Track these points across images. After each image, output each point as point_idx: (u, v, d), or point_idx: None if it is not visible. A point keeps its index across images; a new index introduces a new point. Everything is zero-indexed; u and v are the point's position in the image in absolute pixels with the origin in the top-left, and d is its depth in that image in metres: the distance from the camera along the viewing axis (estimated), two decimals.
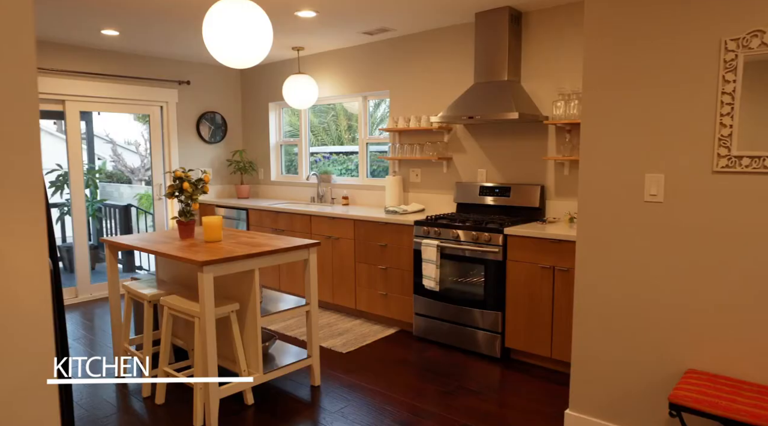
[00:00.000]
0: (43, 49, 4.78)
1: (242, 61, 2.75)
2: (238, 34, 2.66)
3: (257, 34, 2.71)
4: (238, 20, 2.65)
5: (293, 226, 4.96)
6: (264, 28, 2.74)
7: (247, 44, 2.69)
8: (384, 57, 4.88)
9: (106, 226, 7.25)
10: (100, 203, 7.13)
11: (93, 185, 7.05)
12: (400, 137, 4.82)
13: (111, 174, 13.71)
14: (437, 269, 3.81)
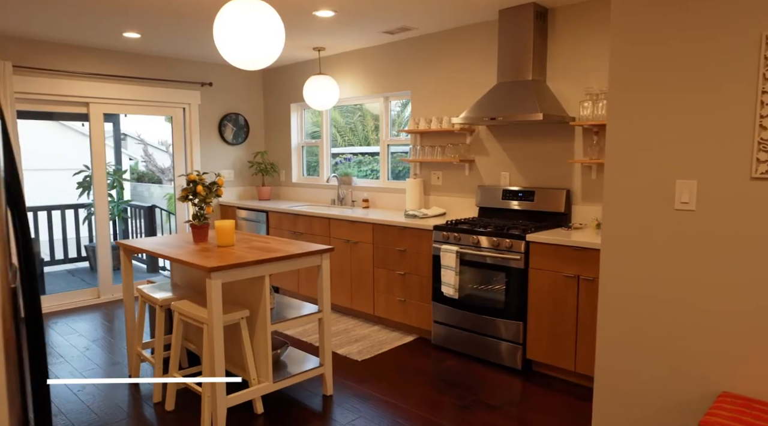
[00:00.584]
0: (67, 51, 4.83)
1: (254, 63, 2.68)
2: (249, 35, 2.59)
3: (269, 35, 2.63)
4: (249, 21, 2.58)
5: (312, 229, 4.89)
6: (276, 28, 2.66)
7: (258, 45, 2.62)
8: (405, 57, 4.77)
9: (131, 226, 7.34)
10: (125, 204, 7.21)
11: (119, 186, 7.14)
12: (422, 139, 4.70)
13: (143, 174, 13.98)
14: (456, 276, 3.68)
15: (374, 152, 5.38)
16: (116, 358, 3.79)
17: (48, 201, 6.92)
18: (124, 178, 7.32)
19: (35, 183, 9.43)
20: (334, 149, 5.79)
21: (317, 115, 5.87)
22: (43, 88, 4.72)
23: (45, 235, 6.64)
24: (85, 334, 4.30)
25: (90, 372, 3.54)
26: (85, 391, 3.26)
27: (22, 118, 7.62)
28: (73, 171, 6.79)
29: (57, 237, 6.77)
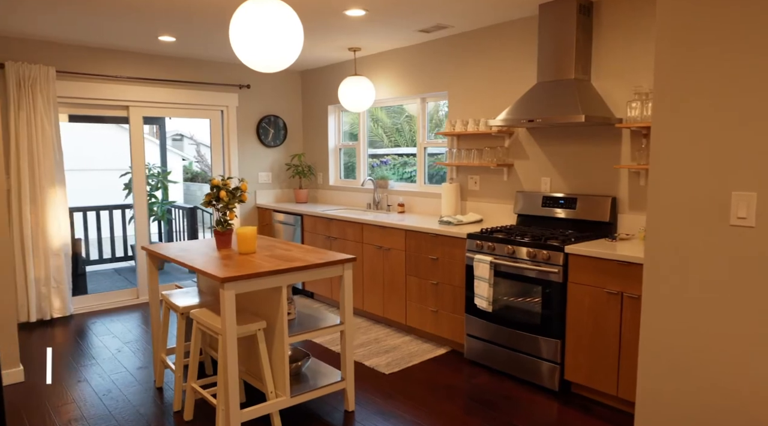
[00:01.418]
0: (107, 56, 4.91)
1: (270, 65, 2.57)
2: (266, 37, 2.48)
3: (286, 36, 2.52)
4: (266, 21, 2.48)
5: (345, 234, 4.78)
6: (293, 29, 2.54)
7: (274, 47, 2.51)
8: (442, 56, 4.58)
9: (175, 227, 7.47)
10: (169, 205, 7.34)
11: (163, 187, 7.27)
12: (458, 142, 4.50)
13: (196, 174, 14.31)
14: (490, 288, 3.47)
15: (411, 153, 5.21)
16: (145, 362, 3.79)
17: (101, 201, 7.13)
18: (168, 179, 7.46)
19: (91, 183, 9.80)
20: (370, 150, 5.65)
21: (355, 116, 5.75)
22: (84, 92, 4.81)
23: (94, 234, 6.84)
24: (120, 335, 4.35)
25: (118, 375, 3.55)
26: (110, 395, 3.25)
27: (74, 121, 7.90)
28: (119, 172, 6.97)
29: (105, 235, 6.97)
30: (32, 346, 4.09)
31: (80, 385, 3.39)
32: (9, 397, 3.21)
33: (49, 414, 3.01)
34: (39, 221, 4.55)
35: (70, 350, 4.01)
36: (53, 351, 3.99)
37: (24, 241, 4.48)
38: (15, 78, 4.39)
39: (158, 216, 7.13)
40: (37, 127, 4.49)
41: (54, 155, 4.60)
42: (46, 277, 4.61)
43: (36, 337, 4.29)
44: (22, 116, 4.43)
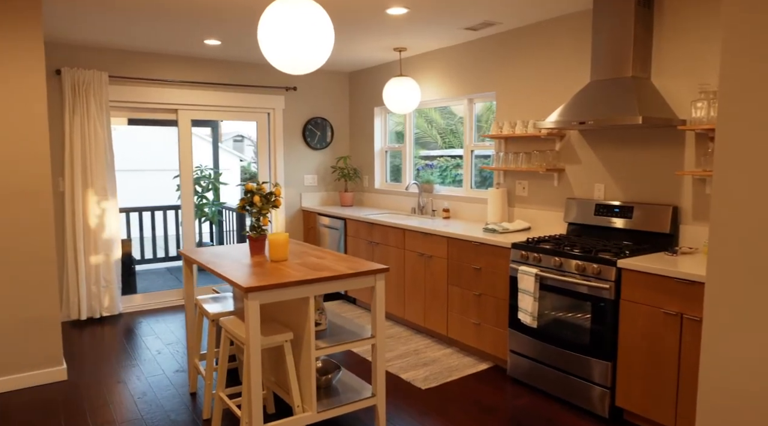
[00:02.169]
0: (156, 60, 5.00)
1: (298, 67, 2.47)
2: (294, 37, 2.38)
3: (314, 37, 2.41)
4: (294, 22, 2.37)
5: (387, 240, 4.64)
6: (323, 30, 2.43)
7: (303, 48, 2.41)
8: (489, 55, 4.36)
9: (226, 229, 7.58)
10: (219, 206, 7.45)
11: (214, 189, 7.40)
12: (506, 145, 4.27)
13: (254, 174, 14.63)
14: (535, 302, 3.23)
15: (458, 155, 5.02)
16: (183, 365, 3.80)
17: (160, 201, 7.34)
18: (220, 181, 7.58)
19: (150, 184, 10.16)
20: (423, 151, 5.47)
21: (419, 116, 5.58)
22: (135, 96, 4.92)
23: (148, 232, 7.04)
24: (163, 336, 4.40)
25: (155, 378, 3.56)
26: (145, 398, 3.26)
27: (133, 124, 8.18)
28: (174, 174, 7.14)
29: (159, 234, 7.16)
30: (81, 344, 4.19)
31: (118, 387, 3.42)
32: (50, 395, 3.28)
33: (84, 415, 3.04)
34: (90, 222, 4.68)
35: (114, 350, 4.08)
36: (99, 350, 4.07)
37: (76, 241, 4.62)
38: (70, 83, 4.54)
39: (209, 217, 7.25)
40: (89, 131, 4.62)
41: (106, 158, 4.72)
42: (96, 276, 4.74)
43: (85, 335, 4.40)
44: (76, 120, 4.57)
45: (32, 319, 3.41)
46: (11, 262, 3.33)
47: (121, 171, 9.39)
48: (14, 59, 3.26)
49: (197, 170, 7.40)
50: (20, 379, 3.39)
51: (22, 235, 3.35)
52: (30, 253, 3.38)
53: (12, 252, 3.32)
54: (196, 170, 7.41)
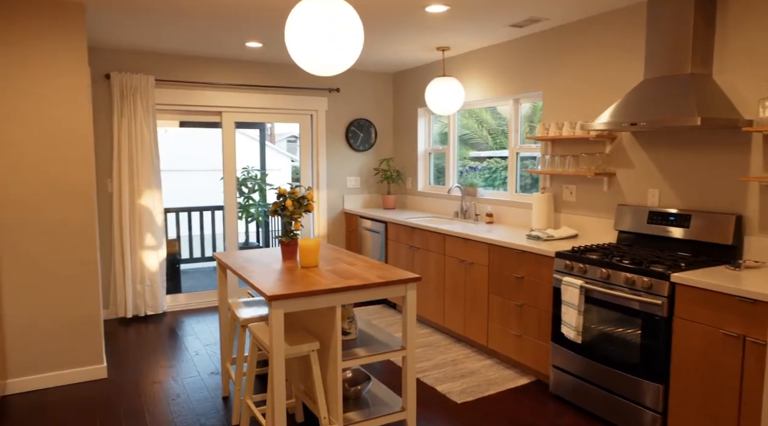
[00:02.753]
0: (200, 64, 5.06)
1: (324, 68, 2.38)
2: (321, 37, 2.30)
3: (343, 37, 2.32)
4: (322, 21, 2.29)
5: (427, 245, 4.51)
6: (352, 29, 2.33)
7: (330, 48, 2.32)
8: (536, 53, 4.15)
9: (271, 229, 7.65)
10: (265, 207, 7.52)
11: (260, 189, 7.47)
12: (552, 147, 4.05)
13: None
14: (579, 316, 3.03)
15: (503, 156, 4.82)
16: (218, 367, 3.80)
17: (210, 201, 7.49)
18: (266, 182, 7.65)
19: (201, 184, 10.41)
20: (474, 152, 5.30)
21: (469, 116, 5.43)
22: (180, 98, 5.00)
23: (197, 232, 7.18)
24: (202, 336, 4.44)
25: (190, 380, 3.58)
26: (178, 400, 3.28)
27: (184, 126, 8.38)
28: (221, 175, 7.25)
29: (208, 233, 7.29)
30: (126, 341, 4.29)
31: (154, 388, 3.45)
32: (88, 393, 3.34)
33: (119, 415, 3.08)
34: (135, 222, 4.79)
35: (155, 349, 4.14)
36: (140, 349, 4.15)
37: (122, 241, 4.74)
38: (119, 87, 4.65)
39: (255, 218, 7.33)
40: (136, 133, 4.72)
41: (151, 159, 4.82)
42: (141, 275, 4.84)
43: (129, 332, 4.50)
44: (124, 123, 4.68)
45: (75, 318, 3.49)
46: (56, 262, 3.42)
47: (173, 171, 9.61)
48: (60, 65, 3.35)
49: (244, 171, 7.50)
50: (62, 376, 3.48)
51: (66, 237, 3.43)
52: (73, 254, 3.46)
53: (56, 253, 3.41)
54: (243, 171, 7.50)
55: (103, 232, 4.79)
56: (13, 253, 3.31)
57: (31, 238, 3.35)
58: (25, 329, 3.37)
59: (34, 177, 3.33)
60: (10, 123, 3.26)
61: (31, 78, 3.29)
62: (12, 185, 3.28)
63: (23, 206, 3.32)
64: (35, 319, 3.39)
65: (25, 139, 3.30)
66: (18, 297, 3.34)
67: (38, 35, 3.28)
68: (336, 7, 2.31)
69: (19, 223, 3.31)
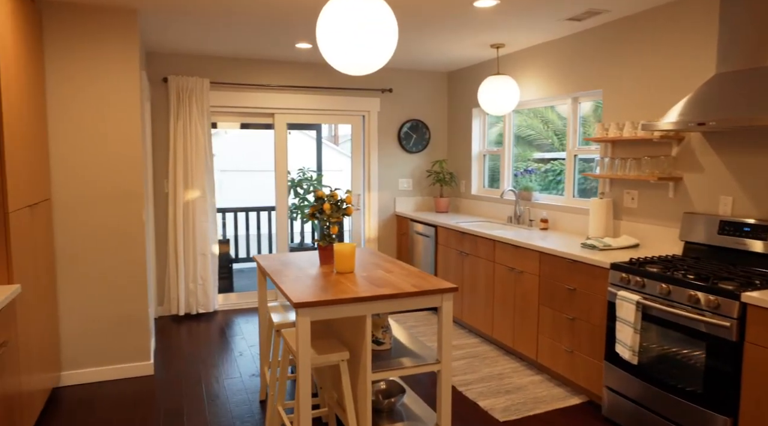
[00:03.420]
0: (253, 66, 5.11)
1: (358, 67, 2.28)
2: (352, 35, 2.21)
3: (374, 35, 2.21)
4: (353, 18, 2.20)
5: (477, 251, 4.32)
6: (385, 27, 2.22)
7: (361, 46, 2.22)
8: (595, 48, 3.87)
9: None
10: None
11: (314, 191, 7.50)
12: (612, 149, 3.76)
13: None
14: (636, 335, 2.76)
15: (560, 158, 4.56)
16: (259, 370, 3.80)
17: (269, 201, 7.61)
18: (322, 184, 7.67)
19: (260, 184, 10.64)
20: (538, 154, 5.06)
21: (534, 116, 5.20)
22: (234, 101, 5.07)
23: (254, 230, 7.31)
24: (248, 337, 4.47)
25: (230, 381, 3.59)
26: (217, 402, 3.28)
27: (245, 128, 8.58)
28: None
29: (265, 232, 7.41)
30: (178, 338, 4.39)
31: (196, 387, 3.48)
32: (133, 389, 3.42)
33: (158, 413, 3.12)
34: (189, 222, 4.90)
35: (202, 347, 4.20)
36: (188, 346, 4.22)
37: (177, 240, 4.86)
38: (175, 90, 4.78)
39: (309, 219, 7.36)
40: (191, 135, 4.83)
41: (205, 160, 4.92)
42: (193, 274, 4.95)
43: (181, 330, 4.61)
44: (179, 125, 4.80)
45: (124, 315, 3.59)
46: (107, 261, 3.52)
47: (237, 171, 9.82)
48: (111, 70, 3.44)
49: (300, 172, 7.56)
50: (110, 371, 3.58)
51: (117, 237, 3.53)
52: (123, 254, 3.55)
53: (107, 252, 3.52)
54: (299, 172, 7.56)
55: (159, 231, 4.93)
56: (68, 253, 3.44)
57: (84, 238, 3.46)
58: (78, 325, 3.50)
59: (88, 179, 3.45)
60: (66, 129, 3.39)
61: (83, 83, 3.40)
62: (68, 187, 3.41)
63: (78, 207, 3.44)
64: (87, 315, 3.51)
65: (79, 143, 3.42)
66: (72, 294, 3.47)
67: (92, 41, 3.39)
68: (366, 4, 2.21)
69: (75, 223, 3.44)
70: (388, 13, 2.25)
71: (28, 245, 2.82)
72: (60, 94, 3.36)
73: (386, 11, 2.25)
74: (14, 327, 2.50)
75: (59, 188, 3.40)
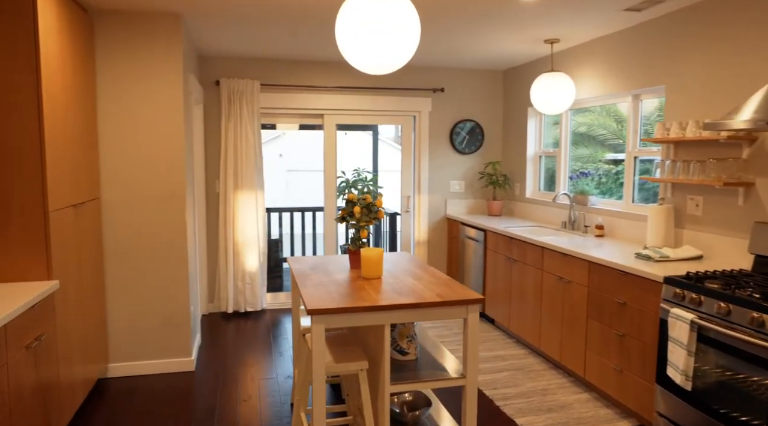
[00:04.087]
0: (302, 67, 5.13)
1: (377, 66, 2.19)
2: (371, 33, 2.12)
3: (394, 32, 2.11)
4: (373, 16, 2.10)
5: (525, 257, 4.10)
6: (406, 25, 2.11)
7: (381, 45, 2.12)
8: (656, 41, 3.55)
9: (383, 230, 7.61)
10: None
11: (369, 192, 7.46)
12: (675, 151, 3.43)
13: None
14: (689, 358, 2.49)
15: (620, 159, 4.24)
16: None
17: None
18: (378, 184, 7.64)
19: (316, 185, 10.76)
20: (611, 154, 4.75)
21: (606, 115, 4.91)
22: (283, 102, 5.11)
23: (310, 230, 7.38)
24: (291, 337, 4.47)
25: (265, 381, 3.60)
26: (249, 402, 3.29)
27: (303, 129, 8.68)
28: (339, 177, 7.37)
29: (320, 232, 7.46)
30: (225, 335, 4.47)
31: (231, 386, 3.52)
32: (172, 384, 3.50)
33: (191, 409, 3.17)
34: (238, 221, 4.99)
35: (245, 346, 4.26)
36: (233, 344, 4.29)
37: (227, 239, 4.96)
38: (227, 92, 4.88)
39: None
40: (241, 136, 4.92)
41: (255, 161, 4.99)
42: (242, 272, 5.04)
43: (228, 327, 4.70)
44: (230, 126, 4.90)
45: (167, 312, 3.69)
46: (151, 260, 3.63)
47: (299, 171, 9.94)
48: (155, 73, 3.54)
49: (355, 173, 7.55)
50: (153, 365, 3.69)
51: (160, 237, 3.63)
52: (166, 253, 3.65)
53: (152, 251, 3.62)
54: (354, 173, 7.55)
55: (211, 230, 5.06)
56: (116, 250, 3.57)
57: (130, 238, 3.59)
58: (125, 320, 3.63)
59: (133, 181, 3.56)
60: (113, 132, 3.52)
61: (129, 86, 3.52)
62: (115, 188, 3.54)
63: (124, 207, 3.56)
64: (133, 311, 3.63)
65: (125, 145, 3.54)
66: (119, 290, 3.60)
67: (139, 46, 3.50)
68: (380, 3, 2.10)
69: (121, 223, 3.57)
70: (402, 10, 2.14)
71: (72, 243, 2.94)
72: (109, 99, 3.49)
73: (402, 8, 2.14)
74: (52, 321, 2.60)
75: (108, 188, 3.53)
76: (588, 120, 4.86)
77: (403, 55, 2.17)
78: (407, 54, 2.18)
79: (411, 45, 2.16)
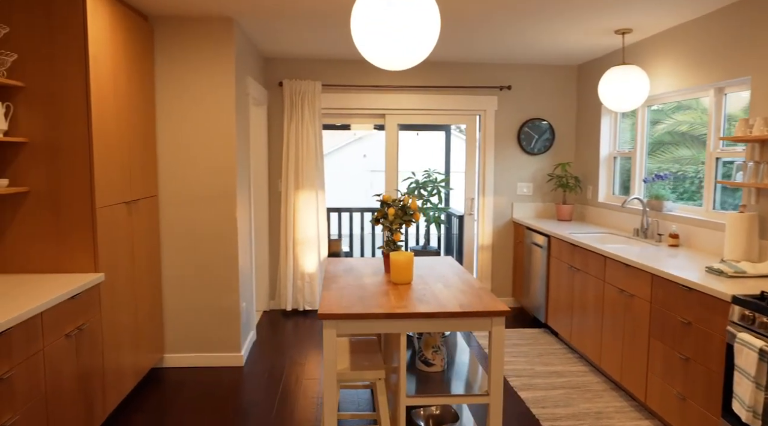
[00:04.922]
0: (363, 67, 5.10)
1: (394, 61, 2.08)
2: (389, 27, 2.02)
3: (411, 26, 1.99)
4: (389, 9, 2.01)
5: (587, 267, 3.79)
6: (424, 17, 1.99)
7: (398, 39, 2.02)
8: (740, 27, 3.13)
9: (454, 232, 7.43)
10: (443, 211, 7.33)
11: (438, 193, 7.30)
12: (761, 151, 3.00)
13: None
14: (757, 391, 2.14)
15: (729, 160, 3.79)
16: None
17: None
18: (448, 186, 7.46)
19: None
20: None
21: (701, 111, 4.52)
22: (344, 102, 5.11)
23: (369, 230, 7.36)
24: None
25: (307, 382, 3.60)
26: (286, 402, 3.30)
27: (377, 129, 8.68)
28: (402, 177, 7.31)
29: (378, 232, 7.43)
30: (283, 332, 4.56)
31: (275, 385, 3.55)
32: (220, 378, 3.60)
33: (228, 404, 3.23)
34: (298, 221, 5.06)
35: (296, 344, 4.30)
36: (286, 342, 4.35)
37: (287, 238, 5.05)
38: (289, 93, 4.96)
39: (431, 221, 7.20)
40: (302, 136, 4.98)
41: (315, 161, 5.04)
42: (301, 271, 5.10)
43: (285, 325, 4.78)
44: (292, 127, 4.98)
45: (217, 308, 3.80)
46: (204, 257, 3.75)
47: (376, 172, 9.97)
48: (208, 76, 3.65)
49: (425, 174, 7.43)
50: (205, 358, 3.81)
51: (212, 235, 3.74)
52: (218, 250, 3.76)
53: (205, 248, 3.75)
54: (424, 174, 7.44)
55: (273, 229, 5.17)
56: (171, 246, 3.74)
57: (184, 234, 3.73)
58: (179, 313, 3.78)
59: (187, 179, 3.70)
60: (170, 133, 3.67)
61: (184, 89, 3.65)
62: (171, 186, 3.70)
63: (179, 205, 3.71)
64: (186, 305, 3.78)
65: (180, 146, 3.68)
66: (174, 284, 3.76)
67: (193, 49, 3.63)
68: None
69: (176, 220, 3.72)
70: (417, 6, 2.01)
71: (122, 238, 3.09)
72: (166, 101, 3.65)
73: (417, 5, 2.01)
74: (97, 311, 2.74)
75: (165, 187, 3.70)
76: (690, 118, 4.38)
77: (424, 45, 2.05)
78: (428, 44, 2.05)
79: (431, 34, 2.03)
